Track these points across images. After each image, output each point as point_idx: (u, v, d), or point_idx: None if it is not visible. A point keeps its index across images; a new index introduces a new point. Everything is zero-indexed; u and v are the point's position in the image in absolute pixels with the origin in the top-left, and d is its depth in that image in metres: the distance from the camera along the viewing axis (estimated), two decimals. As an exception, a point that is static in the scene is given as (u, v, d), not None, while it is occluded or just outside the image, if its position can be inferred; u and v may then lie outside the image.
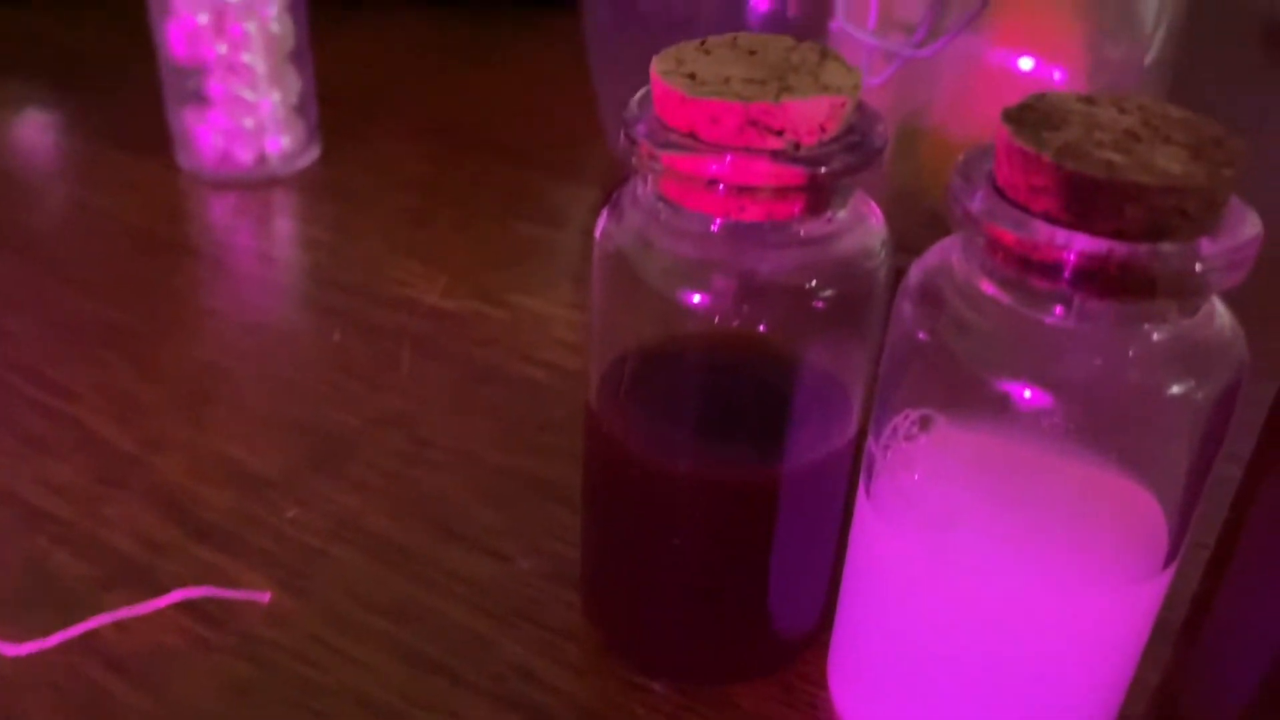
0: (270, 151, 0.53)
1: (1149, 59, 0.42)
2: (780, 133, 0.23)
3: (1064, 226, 0.20)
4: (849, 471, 0.28)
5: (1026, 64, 0.42)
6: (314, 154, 0.55)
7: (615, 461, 0.28)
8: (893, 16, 0.41)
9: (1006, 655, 0.25)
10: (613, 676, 0.30)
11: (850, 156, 0.24)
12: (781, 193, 0.23)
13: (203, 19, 0.50)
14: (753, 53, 0.25)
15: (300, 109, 0.54)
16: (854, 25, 0.41)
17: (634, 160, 0.24)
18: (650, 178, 0.25)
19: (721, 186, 0.23)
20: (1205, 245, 0.20)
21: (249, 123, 0.52)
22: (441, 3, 0.73)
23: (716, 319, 0.25)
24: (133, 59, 0.58)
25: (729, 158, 0.23)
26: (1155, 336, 0.22)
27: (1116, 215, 0.20)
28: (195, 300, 0.46)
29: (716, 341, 0.26)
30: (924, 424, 0.25)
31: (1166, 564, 0.24)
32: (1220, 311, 0.23)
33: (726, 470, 0.27)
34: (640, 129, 0.24)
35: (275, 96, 0.53)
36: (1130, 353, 0.22)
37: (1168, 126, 0.21)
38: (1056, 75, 0.41)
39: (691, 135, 0.23)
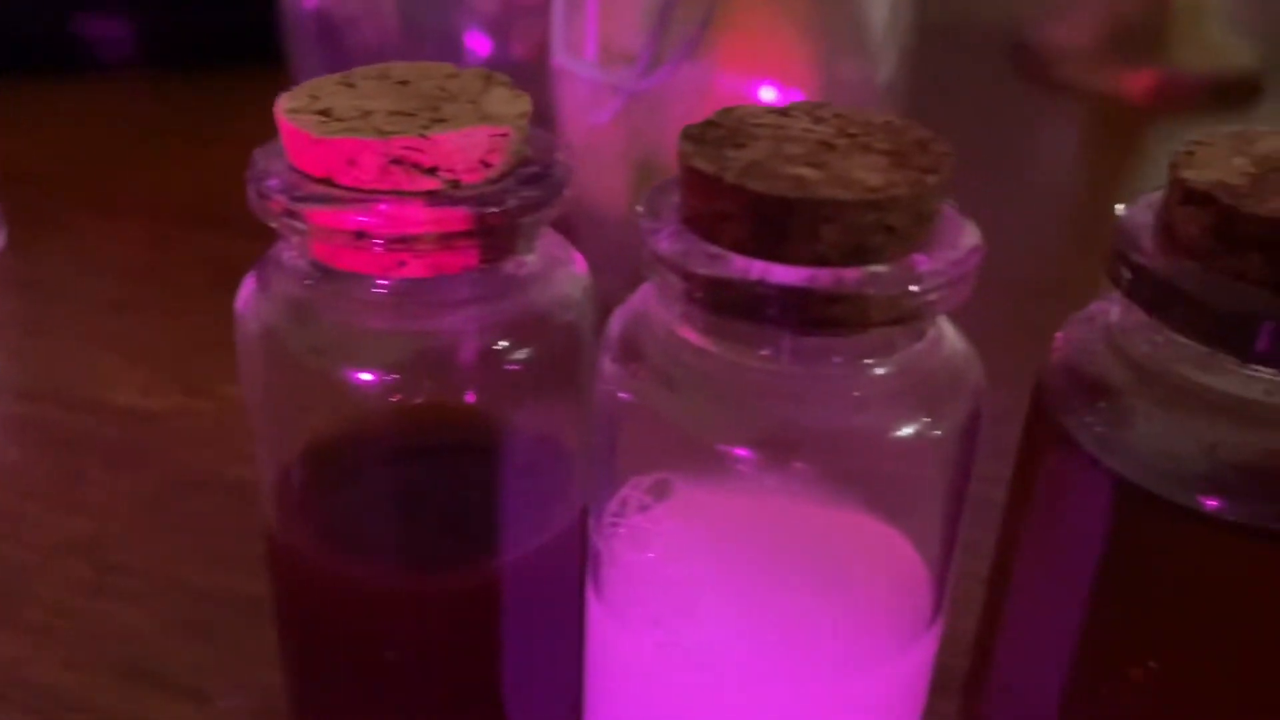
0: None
1: (881, 78, 0.41)
2: (433, 171, 0.19)
3: (757, 256, 0.17)
4: (581, 555, 0.24)
5: (768, 93, 0.40)
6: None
7: (303, 582, 0.23)
8: (613, 48, 0.39)
9: None
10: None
11: (527, 192, 0.20)
12: (446, 241, 0.20)
13: None
14: (404, 83, 0.21)
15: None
16: (572, 58, 0.38)
17: (269, 219, 0.20)
18: (294, 238, 0.21)
19: (374, 240, 0.19)
20: (921, 262, 0.18)
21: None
22: (143, 70, 0.66)
23: (396, 398, 0.21)
24: None
25: (376, 205, 0.19)
26: (879, 370, 0.19)
27: (813, 238, 0.17)
28: None
29: (400, 424, 0.22)
30: (658, 492, 0.21)
31: (933, 617, 0.22)
32: (950, 335, 0.20)
33: (433, 575, 0.23)
34: (272, 183, 0.20)
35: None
36: (855, 392, 0.19)
37: (867, 133, 0.19)
38: (790, 98, 0.40)
39: (328, 182, 0.19)
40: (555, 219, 0.21)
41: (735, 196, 0.17)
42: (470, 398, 0.22)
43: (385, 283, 0.20)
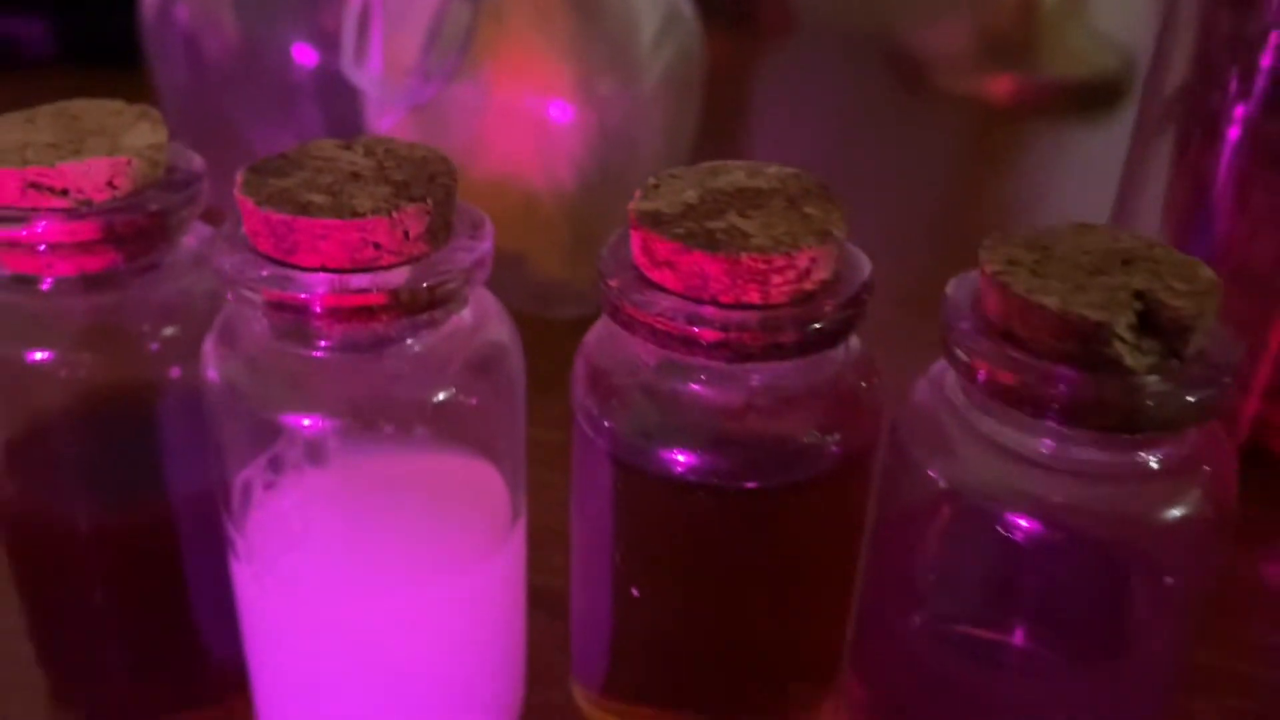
0: None
1: (644, 90, 0.45)
2: (64, 192, 0.24)
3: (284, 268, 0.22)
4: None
5: (538, 106, 0.45)
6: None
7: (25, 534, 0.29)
8: (396, 63, 0.44)
9: (403, 661, 0.27)
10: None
11: (152, 205, 0.25)
12: (86, 246, 0.25)
13: None
14: (75, 118, 0.26)
15: None
16: (358, 71, 0.43)
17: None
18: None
19: (24, 248, 0.25)
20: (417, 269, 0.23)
21: None
22: (61, 67, 0.72)
23: (65, 372, 0.26)
24: None
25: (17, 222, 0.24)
26: (415, 349, 0.24)
27: (315, 251, 0.22)
28: None
29: (75, 395, 0.27)
30: (273, 468, 0.26)
31: (512, 525, 0.27)
32: (492, 312, 0.25)
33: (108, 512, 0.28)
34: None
35: None
36: (395, 369, 0.24)
37: (396, 167, 0.24)
38: (556, 113, 0.44)
39: (-12, 204, 0.25)
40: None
41: (259, 219, 0.22)
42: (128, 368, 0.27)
43: (47, 281, 0.26)
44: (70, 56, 0.72)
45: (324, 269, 0.22)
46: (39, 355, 0.26)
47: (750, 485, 0.24)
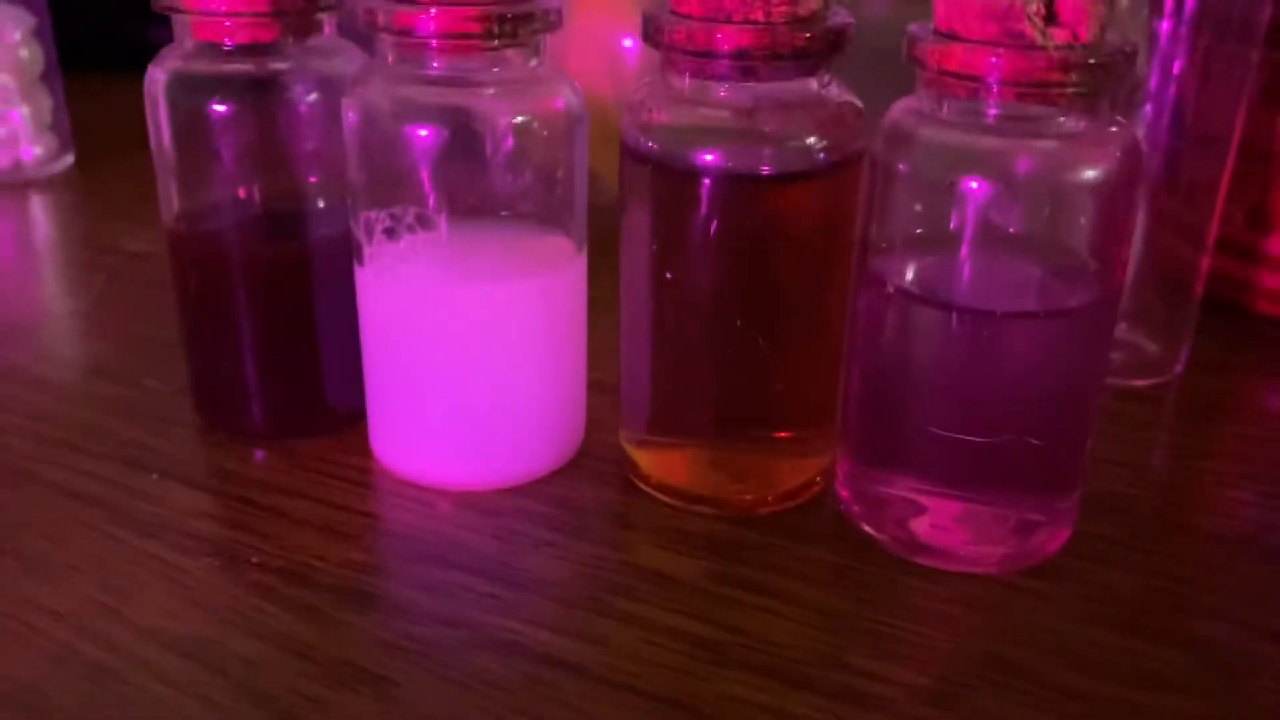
0: (25, 159, 0.62)
1: None
2: (248, -29, 0.33)
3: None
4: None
5: (611, 34, 0.53)
6: (68, 161, 0.64)
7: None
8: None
9: (491, 361, 0.34)
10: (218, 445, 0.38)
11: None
12: (258, 18, 0.33)
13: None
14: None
15: (54, 124, 0.63)
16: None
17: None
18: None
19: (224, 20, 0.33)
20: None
21: (2, 133, 0.61)
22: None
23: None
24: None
25: None
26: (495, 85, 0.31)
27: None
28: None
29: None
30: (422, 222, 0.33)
31: (576, 253, 0.34)
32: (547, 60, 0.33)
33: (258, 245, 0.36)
34: None
35: (25, 111, 0.62)
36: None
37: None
38: (625, 41, 0.53)
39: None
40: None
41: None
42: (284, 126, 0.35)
43: (228, 44, 0.34)
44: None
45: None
46: (219, 108, 0.34)
47: (759, 174, 0.31)
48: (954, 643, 0.29)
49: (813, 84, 0.31)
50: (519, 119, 0.32)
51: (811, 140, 0.31)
